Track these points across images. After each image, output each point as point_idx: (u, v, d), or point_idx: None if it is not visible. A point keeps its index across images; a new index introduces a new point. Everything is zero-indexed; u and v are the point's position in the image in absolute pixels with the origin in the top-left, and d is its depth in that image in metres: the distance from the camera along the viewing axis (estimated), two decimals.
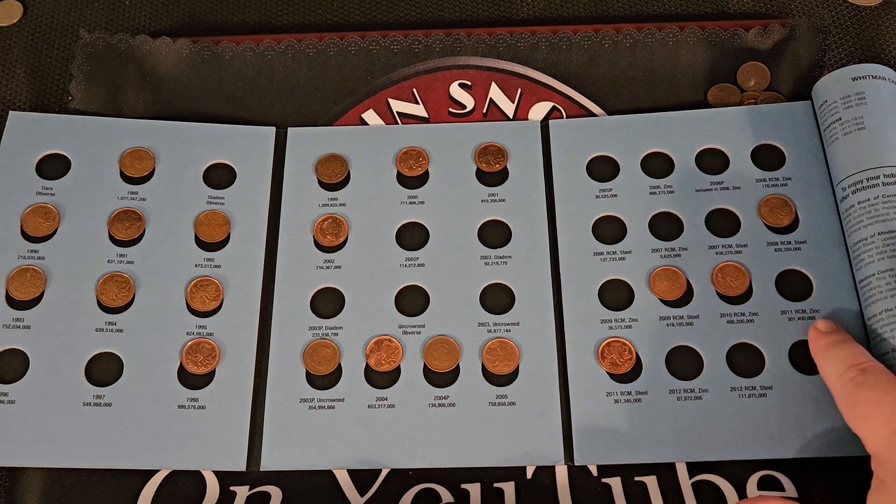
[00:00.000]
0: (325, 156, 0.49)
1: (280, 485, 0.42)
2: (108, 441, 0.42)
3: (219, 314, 0.45)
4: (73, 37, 0.54)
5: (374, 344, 0.44)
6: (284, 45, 0.52)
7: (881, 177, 0.44)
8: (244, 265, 0.46)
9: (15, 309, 0.45)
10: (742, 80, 0.51)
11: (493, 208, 0.48)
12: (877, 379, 0.37)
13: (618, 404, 0.42)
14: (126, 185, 0.48)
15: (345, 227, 0.47)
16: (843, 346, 0.40)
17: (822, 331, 0.41)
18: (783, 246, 0.46)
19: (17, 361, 0.44)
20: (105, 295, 0.45)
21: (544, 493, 0.41)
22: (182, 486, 0.42)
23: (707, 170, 0.48)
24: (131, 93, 0.51)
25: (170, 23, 0.55)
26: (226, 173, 0.49)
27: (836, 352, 0.40)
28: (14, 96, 0.52)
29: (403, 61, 0.52)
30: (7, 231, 0.46)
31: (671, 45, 0.51)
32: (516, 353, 0.44)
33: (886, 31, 0.53)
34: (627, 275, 0.45)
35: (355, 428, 0.43)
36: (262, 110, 0.51)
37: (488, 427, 0.42)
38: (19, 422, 0.42)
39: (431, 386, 0.43)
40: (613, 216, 0.47)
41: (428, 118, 0.51)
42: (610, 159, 0.49)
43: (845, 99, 0.46)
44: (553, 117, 0.50)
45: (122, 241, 0.46)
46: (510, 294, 0.45)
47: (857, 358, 0.39)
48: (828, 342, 0.40)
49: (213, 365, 0.44)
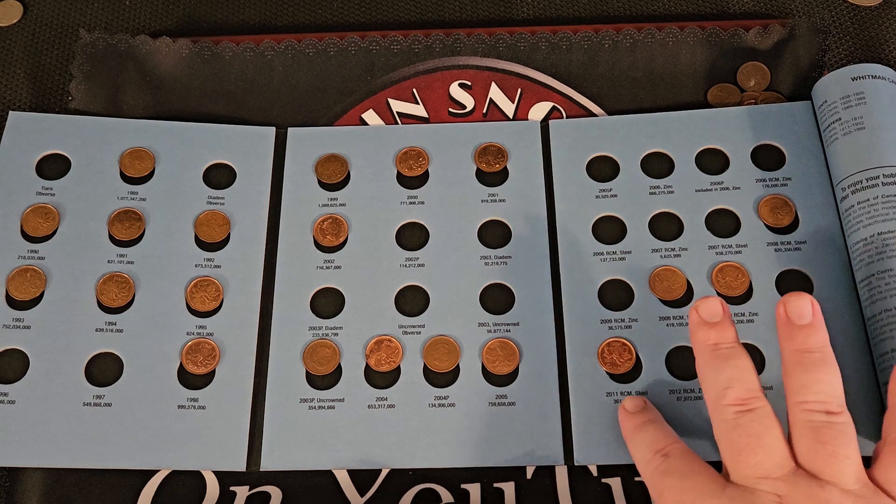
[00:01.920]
0: (325, 156, 0.49)
1: (280, 485, 0.42)
2: (108, 441, 0.42)
3: (219, 314, 0.45)
4: (73, 37, 0.54)
5: (374, 344, 0.44)
6: (284, 45, 0.52)
7: (881, 177, 0.44)
8: (244, 265, 0.46)
9: (15, 309, 0.45)
10: (742, 80, 0.51)
11: (493, 208, 0.48)
12: (678, 464, 0.37)
13: (618, 404, 0.42)
14: (126, 185, 0.48)
15: (345, 227, 0.47)
16: (648, 429, 0.39)
17: (628, 410, 0.40)
18: (783, 246, 0.46)
19: (17, 361, 0.44)
20: (105, 295, 0.45)
21: (544, 494, 0.41)
22: (182, 486, 0.42)
23: (707, 170, 0.48)
24: (131, 93, 0.51)
25: (170, 23, 0.55)
26: (226, 173, 0.49)
27: (642, 436, 0.39)
28: (14, 96, 0.52)
29: (403, 61, 0.52)
30: (7, 231, 0.46)
31: (671, 45, 0.51)
32: (516, 353, 0.44)
33: (886, 31, 0.53)
34: (627, 275, 0.45)
35: (355, 428, 0.43)
36: (262, 110, 0.51)
37: (488, 427, 0.42)
38: (19, 422, 0.42)
39: (431, 386, 0.43)
40: (613, 216, 0.47)
41: (428, 118, 0.51)
42: (610, 159, 0.49)
43: (845, 99, 0.46)
44: (553, 117, 0.50)
45: (122, 241, 0.46)
46: (510, 294, 0.45)
47: (660, 443, 0.38)
48: (634, 425, 0.40)
49: (213, 365, 0.44)
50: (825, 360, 0.36)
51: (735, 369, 0.37)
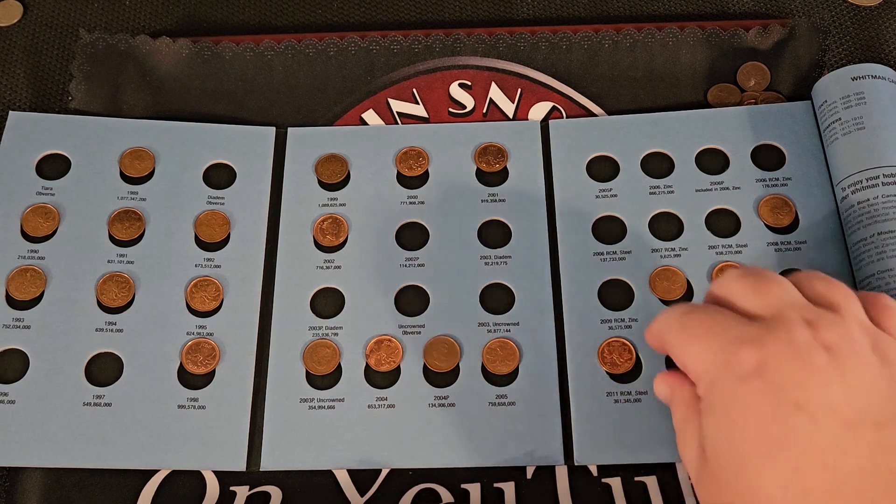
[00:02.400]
0: (325, 156, 0.49)
1: (280, 485, 0.42)
2: (108, 441, 0.42)
3: (219, 314, 0.45)
4: (73, 37, 0.54)
5: (374, 344, 0.44)
6: (284, 45, 0.52)
7: (881, 177, 0.44)
8: (244, 265, 0.46)
9: (15, 309, 0.45)
10: (742, 80, 0.51)
11: (493, 208, 0.48)
12: (703, 310, 0.35)
13: (618, 404, 0.43)
14: (126, 185, 0.48)
15: (345, 227, 0.47)
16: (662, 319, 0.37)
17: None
18: (783, 246, 0.46)
19: (17, 361, 0.44)
20: (105, 295, 0.45)
21: (544, 494, 0.41)
22: (182, 486, 0.42)
23: (707, 170, 0.48)
24: (131, 93, 0.51)
25: (170, 23, 0.55)
26: (226, 173, 0.49)
27: (660, 322, 0.37)
28: (14, 96, 0.52)
29: (403, 61, 0.52)
30: (7, 231, 0.46)
31: (671, 45, 0.51)
32: (516, 353, 0.44)
33: (886, 31, 0.53)
34: (627, 275, 0.45)
35: (355, 428, 0.43)
36: (262, 110, 0.51)
37: (488, 427, 0.42)
38: (19, 422, 0.42)
39: (431, 386, 0.43)
40: (613, 216, 0.47)
41: (428, 118, 0.51)
42: (610, 159, 0.49)
43: (845, 99, 0.46)
44: (553, 117, 0.50)
45: (122, 241, 0.46)
46: (510, 294, 0.45)
47: (680, 308, 0.36)
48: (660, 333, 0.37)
49: (213, 365, 0.44)
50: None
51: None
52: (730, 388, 0.32)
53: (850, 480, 0.30)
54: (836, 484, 0.30)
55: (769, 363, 0.32)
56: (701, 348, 0.34)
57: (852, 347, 0.32)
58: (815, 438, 0.30)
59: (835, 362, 0.31)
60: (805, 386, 0.31)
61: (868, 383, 0.31)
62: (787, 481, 0.30)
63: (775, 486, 0.31)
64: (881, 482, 0.30)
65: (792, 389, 0.31)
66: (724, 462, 0.32)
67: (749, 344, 0.32)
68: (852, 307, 0.34)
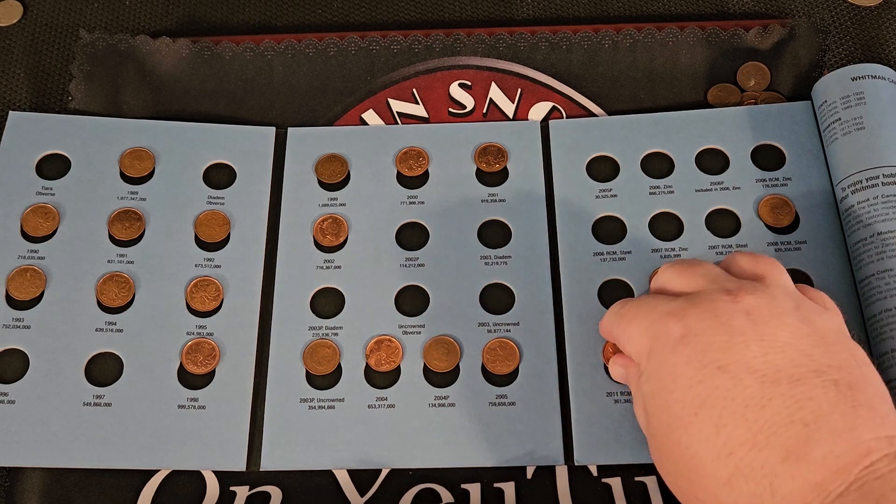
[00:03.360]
0: (325, 156, 0.49)
1: (280, 485, 0.42)
2: (108, 441, 0.42)
3: (219, 314, 0.45)
4: (73, 37, 0.54)
5: (374, 344, 0.44)
6: (284, 45, 0.52)
7: (881, 177, 0.44)
8: (244, 265, 0.46)
9: (15, 309, 0.45)
10: (742, 80, 0.51)
11: (493, 208, 0.48)
12: (632, 302, 0.39)
13: (618, 404, 0.43)
14: (126, 185, 0.48)
15: (345, 227, 0.47)
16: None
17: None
18: (783, 246, 0.46)
19: (17, 361, 0.44)
20: (105, 295, 0.45)
21: (544, 494, 0.41)
22: (182, 486, 0.42)
23: (707, 170, 0.48)
24: (131, 93, 0.51)
25: (170, 23, 0.55)
26: (226, 173, 0.49)
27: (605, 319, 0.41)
28: (14, 96, 0.52)
29: (403, 61, 0.52)
30: (7, 231, 0.46)
31: (671, 45, 0.51)
32: (516, 353, 0.44)
33: (886, 31, 0.53)
34: (627, 275, 0.45)
35: (355, 428, 0.43)
36: (262, 110, 0.51)
37: (488, 427, 0.42)
38: (19, 422, 0.42)
39: (431, 386, 0.43)
40: (613, 216, 0.47)
41: (428, 118, 0.51)
42: (610, 159, 0.49)
43: (845, 99, 0.46)
44: (553, 117, 0.50)
45: (122, 241, 0.46)
46: (510, 294, 0.45)
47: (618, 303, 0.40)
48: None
49: (213, 365, 0.44)
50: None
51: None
52: (661, 357, 0.35)
53: (766, 431, 0.32)
54: (754, 434, 0.32)
55: (693, 330, 0.35)
56: (636, 329, 0.37)
57: (772, 310, 0.35)
58: (736, 395, 0.33)
59: (753, 324, 0.34)
60: (726, 348, 0.34)
61: (786, 342, 0.34)
62: (710, 435, 0.33)
63: (699, 440, 0.33)
64: (794, 433, 0.31)
65: (714, 352, 0.34)
66: (659, 423, 0.35)
67: (674, 316, 0.35)
68: (778, 276, 0.37)
